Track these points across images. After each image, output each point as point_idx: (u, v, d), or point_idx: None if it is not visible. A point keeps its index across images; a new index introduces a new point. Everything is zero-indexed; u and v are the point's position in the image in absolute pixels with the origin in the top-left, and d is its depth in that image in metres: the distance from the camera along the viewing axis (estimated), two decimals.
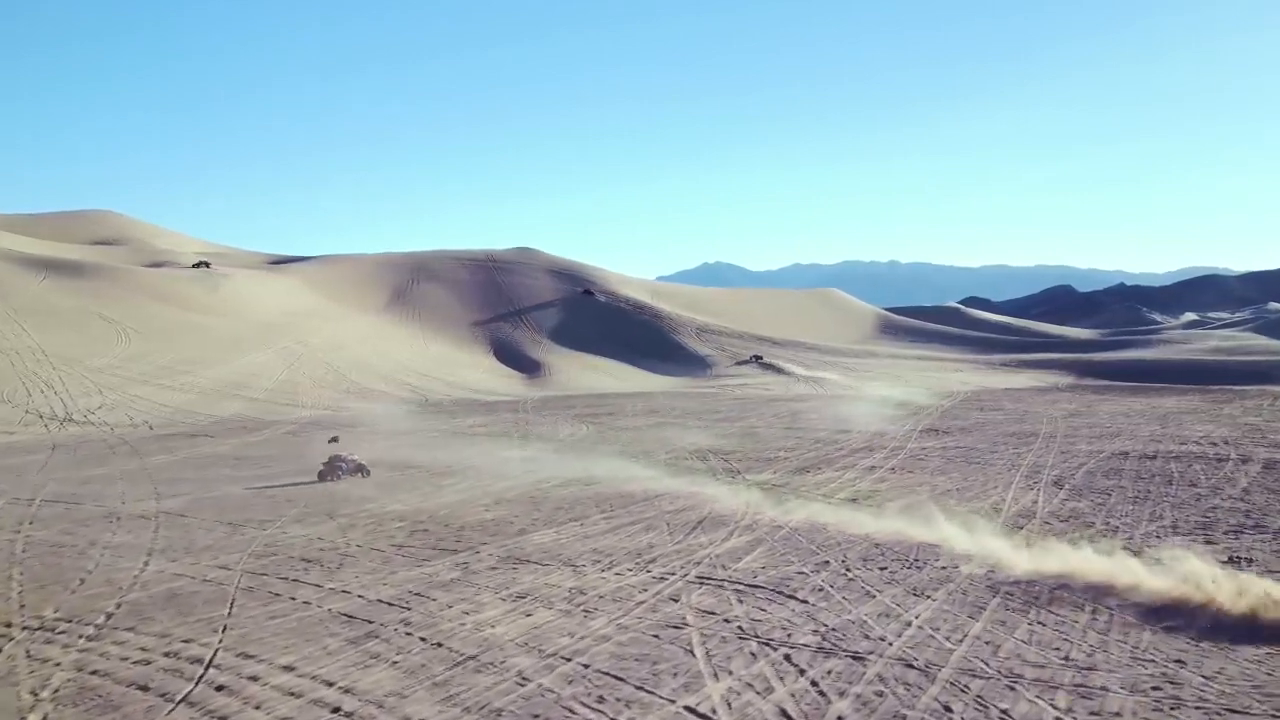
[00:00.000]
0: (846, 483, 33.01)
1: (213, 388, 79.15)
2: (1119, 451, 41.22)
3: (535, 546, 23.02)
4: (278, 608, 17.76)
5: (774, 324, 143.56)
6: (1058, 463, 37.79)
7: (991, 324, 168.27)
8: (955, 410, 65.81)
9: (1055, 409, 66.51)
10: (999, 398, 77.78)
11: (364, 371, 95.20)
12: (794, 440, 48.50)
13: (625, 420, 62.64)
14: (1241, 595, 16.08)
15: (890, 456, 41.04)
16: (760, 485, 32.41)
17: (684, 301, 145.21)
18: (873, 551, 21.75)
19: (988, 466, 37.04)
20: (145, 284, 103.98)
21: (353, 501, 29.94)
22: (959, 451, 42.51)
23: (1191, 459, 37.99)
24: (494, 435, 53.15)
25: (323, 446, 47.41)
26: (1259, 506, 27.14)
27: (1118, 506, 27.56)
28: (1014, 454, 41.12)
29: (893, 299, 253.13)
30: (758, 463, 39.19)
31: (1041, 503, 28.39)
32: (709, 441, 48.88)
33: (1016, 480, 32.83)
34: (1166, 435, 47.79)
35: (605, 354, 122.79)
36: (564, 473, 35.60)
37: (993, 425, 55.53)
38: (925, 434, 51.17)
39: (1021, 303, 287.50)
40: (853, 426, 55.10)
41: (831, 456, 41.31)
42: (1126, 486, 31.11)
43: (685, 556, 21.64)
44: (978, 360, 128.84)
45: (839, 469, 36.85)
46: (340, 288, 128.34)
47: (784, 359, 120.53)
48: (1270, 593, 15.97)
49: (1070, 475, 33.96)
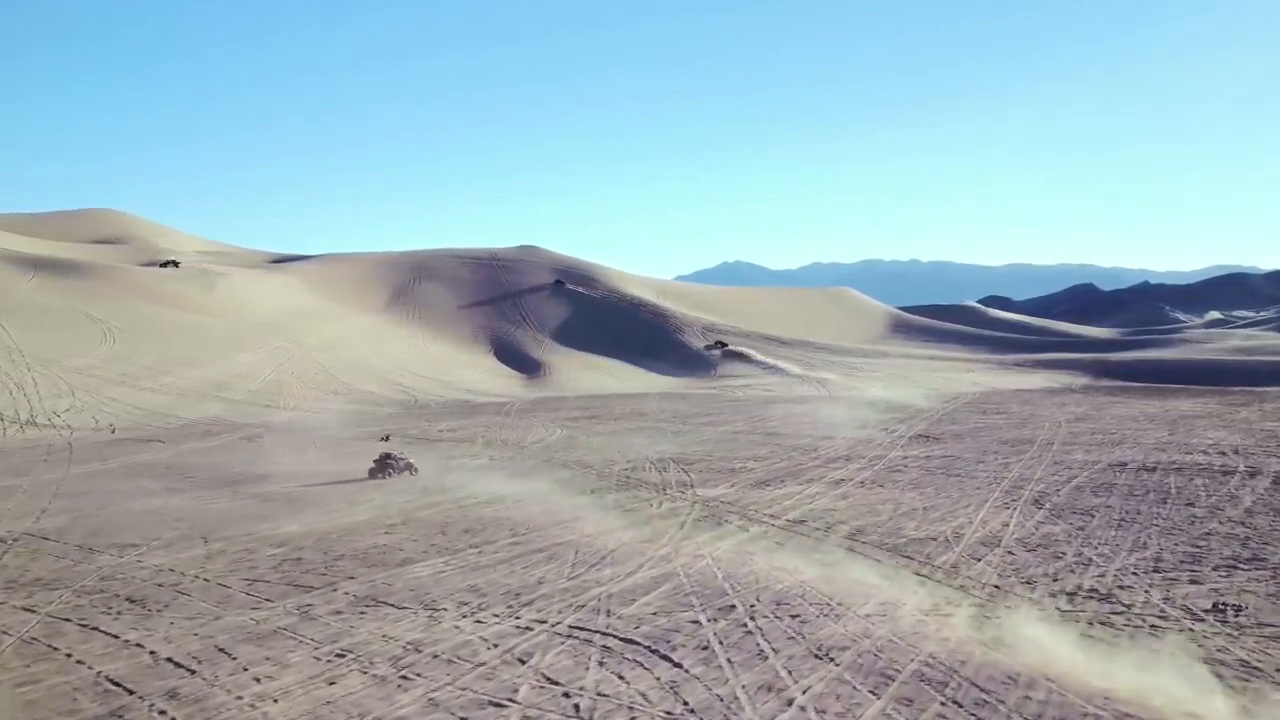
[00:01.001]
0: (804, 500, 29.49)
1: (194, 389, 76.50)
2: (1117, 462, 37.44)
3: (407, 581, 19.72)
4: (39, 669, 14.56)
5: (783, 323, 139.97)
6: (1046, 475, 34.10)
7: (1007, 323, 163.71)
8: (955, 414, 61.97)
9: (1062, 412, 62.55)
10: (1006, 400, 73.81)
11: (357, 372, 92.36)
12: (770, 448, 44.95)
13: (605, 424, 59.28)
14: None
15: (866, 467, 37.47)
16: (705, 503, 28.98)
17: (691, 300, 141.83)
18: (790, 594, 18.30)
19: (968, 480, 33.40)
20: (138, 283, 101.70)
21: (245, 521, 26.78)
22: (942, 462, 38.84)
23: (1195, 471, 34.19)
24: (458, 441, 49.95)
25: (275, 452, 44.62)
26: (1261, 532, 23.44)
27: (1098, 532, 23.93)
28: (1001, 464, 37.43)
29: (913, 298, 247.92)
30: (719, 474, 35.75)
31: (1012, 527, 24.80)
32: (680, 448, 45.48)
33: (994, 497, 29.21)
34: (1173, 443, 43.90)
35: (608, 354, 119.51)
36: (495, 488, 32.32)
37: (989, 431, 51.75)
38: (914, 441, 47.49)
39: (1042, 301, 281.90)
40: (840, 432, 51.50)
41: (803, 467, 37.78)
42: (1115, 506, 27.42)
43: (571, 597, 18.28)
44: (991, 360, 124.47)
45: (804, 482, 33.34)
46: (340, 287, 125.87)
47: (791, 358, 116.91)
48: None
49: (1055, 491, 30.29)
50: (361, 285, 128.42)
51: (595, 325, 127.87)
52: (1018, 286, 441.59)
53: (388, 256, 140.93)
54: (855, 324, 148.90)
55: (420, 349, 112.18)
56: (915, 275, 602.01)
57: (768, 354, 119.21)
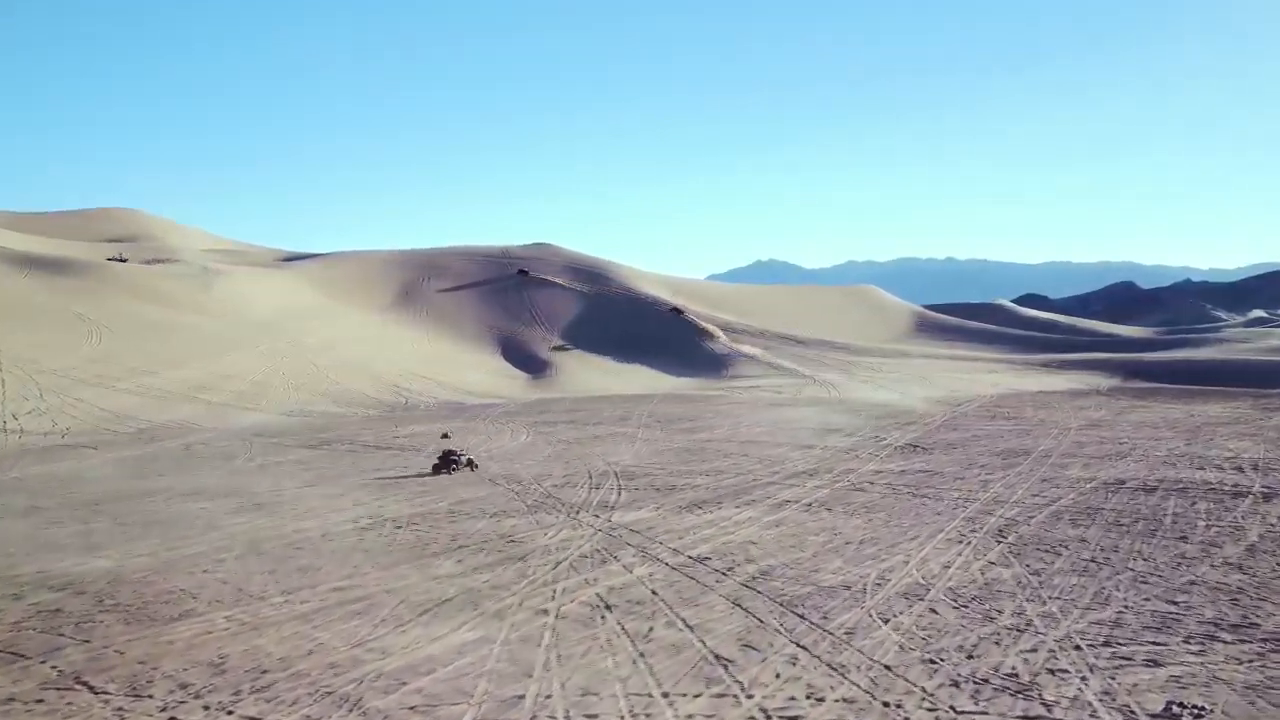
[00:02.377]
0: (728, 528, 25.07)
1: (174, 390, 73.37)
2: (1114, 480, 32.52)
3: (137, 655, 15.62)
4: None
5: (803, 322, 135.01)
6: (1026, 497, 29.34)
7: (1038, 322, 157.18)
8: (958, 420, 56.97)
9: (1077, 417, 57.34)
10: (1022, 403, 68.55)
11: (352, 372, 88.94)
12: (735, 460, 40.42)
13: (580, 429, 55.00)
14: None
15: (826, 485, 32.89)
16: (611, 531, 24.66)
17: (707, 299, 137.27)
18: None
19: (934, 502, 28.75)
20: (134, 282, 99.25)
21: (42, 554, 22.85)
22: (916, 478, 34.13)
23: (1200, 493, 29.25)
24: (404, 449, 46.00)
25: (196, 463, 41.22)
26: (1259, 581, 18.65)
27: (1056, 579, 19.28)
28: (980, 482, 32.67)
29: (948, 297, 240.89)
30: (655, 493, 31.39)
31: (954, 570, 20.22)
32: (636, 460, 41.14)
33: (952, 526, 24.59)
34: (1187, 455, 38.78)
35: (619, 354, 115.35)
36: (396, 509, 28.25)
37: (987, 440, 46.80)
38: (899, 452, 42.71)
39: (1079, 299, 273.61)
40: (825, 441, 46.83)
41: (755, 484, 33.28)
42: (1090, 540, 22.71)
43: (320, 680, 14.10)
44: (1017, 360, 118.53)
45: (744, 504, 28.87)
46: (346, 285, 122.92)
47: (807, 359, 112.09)
48: None
49: (1028, 518, 25.58)
50: (368, 284, 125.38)
51: (607, 325, 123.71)
52: (1056, 285, 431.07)
53: (398, 254, 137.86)
54: (878, 323, 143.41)
55: (424, 349, 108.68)
56: (951, 274, 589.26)
57: (782, 354, 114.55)
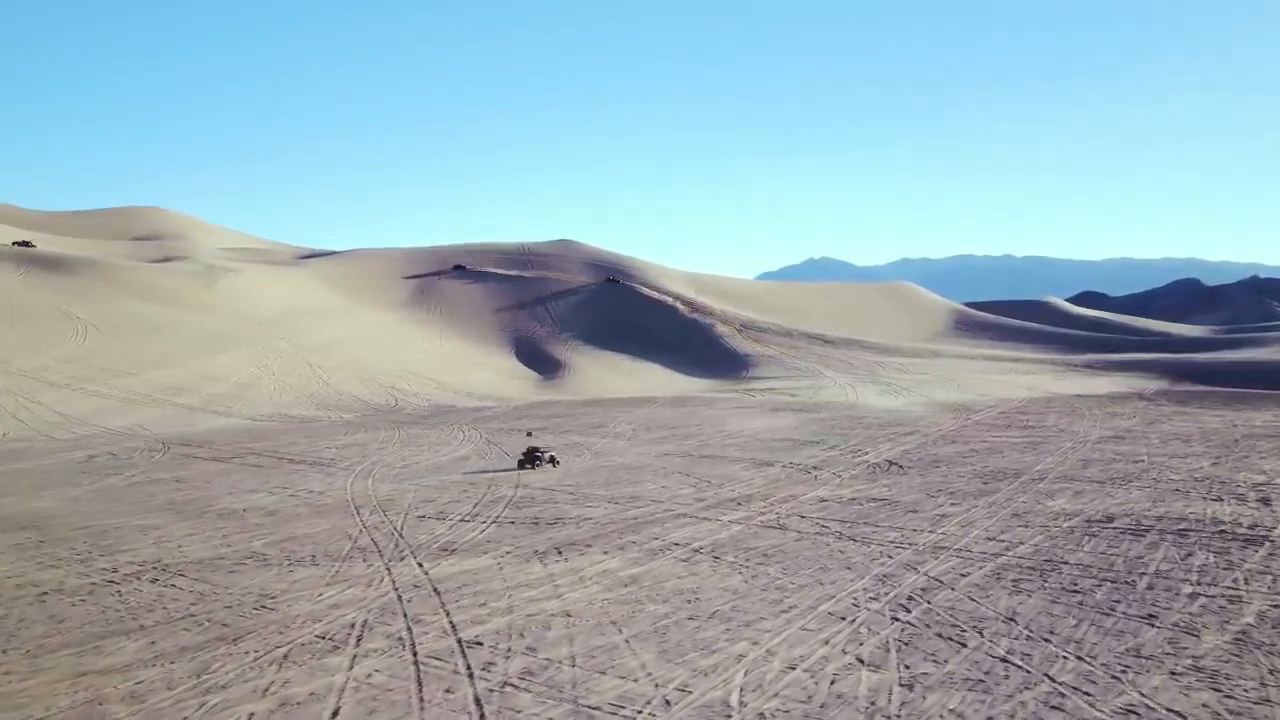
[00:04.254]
0: (568, 584, 19.39)
1: (146, 392, 69.63)
2: (1102, 516, 26.14)
3: None
4: None
5: (833, 320, 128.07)
6: (978, 541, 23.20)
7: (1086, 320, 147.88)
8: (963, 430, 50.38)
9: (1102, 427, 50.41)
10: (1048, 410, 61.55)
11: (348, 373, 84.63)
12: (666, 483, 34.52)
13: (541, 439, 49.62)
14: None
15: (743, 520, 26.96)
16: (412, 590, 19.16)
17: (733, 296, 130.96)
18: None
19: (857, 548, 22.77)
20: (134, 280, 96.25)
21: None
22: (860, 511, 28.03)
23: (1203, 538, 22.85)
24: (320, 464, 41.02)
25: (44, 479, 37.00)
26: (1236, 707, 12.50)
27: (930, 696, 13.29)
28: (934, 518, 26.52)
29: (1002, 295, 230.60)
30: (531, 528, 25.86)
31: (801, 671, 14.32)
32: (561, 478, 35.62)
33: (853, 588, 18.66)
34: (1207, 480, 32.04)
35: (637, 353, 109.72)
36: (180, 552, 23.11)
37: (980, 456, 40.29)
38: (867, 472, 36.48)
39: (1141, 297, 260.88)
40: (792, 457, 40.83)
41: (660, 516, 27.53)
42: (1021, 618, 16.60)
43: None
44: (1059, 361, 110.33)
45: (619, 547, 23.18)
46: (359, 283, 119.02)
47: (833, 359, 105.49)
48: None
49: (958, 578, 19.50)
50: (383, 281, 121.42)
51: (626, 323, 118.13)
52: (1117, 282, 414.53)
53: (416, 251, 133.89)
54: (913, 322, 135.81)
55: (434, 348, 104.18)
56: (1008, 271, 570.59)
57: (806, 355, 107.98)
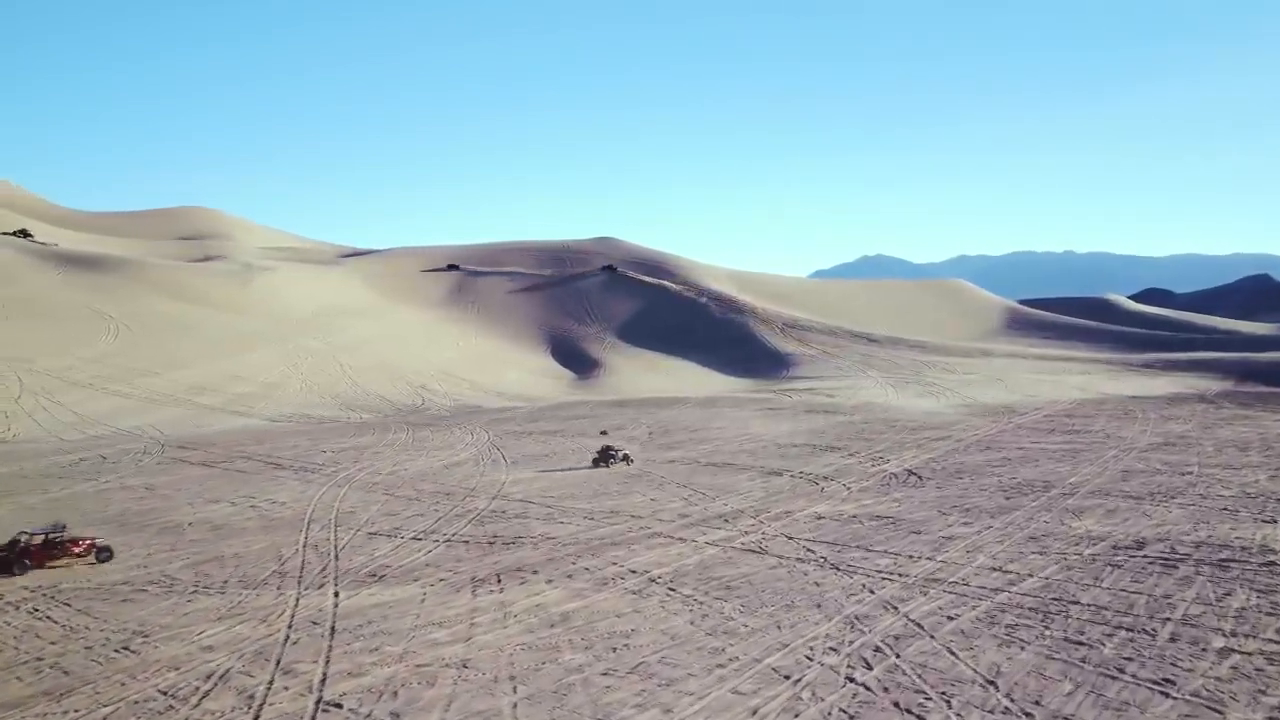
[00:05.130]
0: (488, 623, 16.80)
1: (167, 392, 68.58)
2: (1132, 542, 22.80)
3: None
4: None
5: (880, 318, 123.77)
6: (980, 571, 20.09)
7: (1147, 318, 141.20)
8: (999, 435, 46.79)
9: (1153, 432, 46.55)
10: (1099, 412, 57.59)
11: (377, 373, 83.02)
12: (657, 494, 31.78)
13: (549, 441, 47.14)
14: None
15: (722, 542, 24.15)
16: (290, 632, 16.70)
17: (775, 294, 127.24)
18: None
19: (839, 578, 19.82)
20: (167, 280, 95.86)
21: None
22: (857, 531, 24.99)
23: (1247, 574, 19.53)
24: (304, 470, 38.99)
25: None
26: None
27: None
28: (937, 541, 23.39)
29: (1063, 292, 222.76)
30: (486, 548, 23.40)
31: None
32: (544, 487, 33.09)
33: (815, 634, 15.77)
34: (1261, 497, 28.40)
35: (675, 352, 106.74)
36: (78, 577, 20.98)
37: (1011, 466, 36.80)
38: (880, 484, 33.31)
39: (1208, 294, 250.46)
40: (805, 466, 37.85)
41: (634, 535, 24.89)
42: (1003, 683, 13.56)
43: None
44: (1116, 360, 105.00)
45: (571, 573, 20.55)
46: (396, 282, 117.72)
47: (878, 359, 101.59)
48: None
49: (944, 621, 16.46)
50: (421, 280, 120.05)
51: (666, 322, 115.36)
52: (1184, 278, 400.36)
53: (455, 250, 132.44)
54: (963, 319, 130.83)
55: (469, 347, 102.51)
56: (1069, 268, 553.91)
57: (850, 354, 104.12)
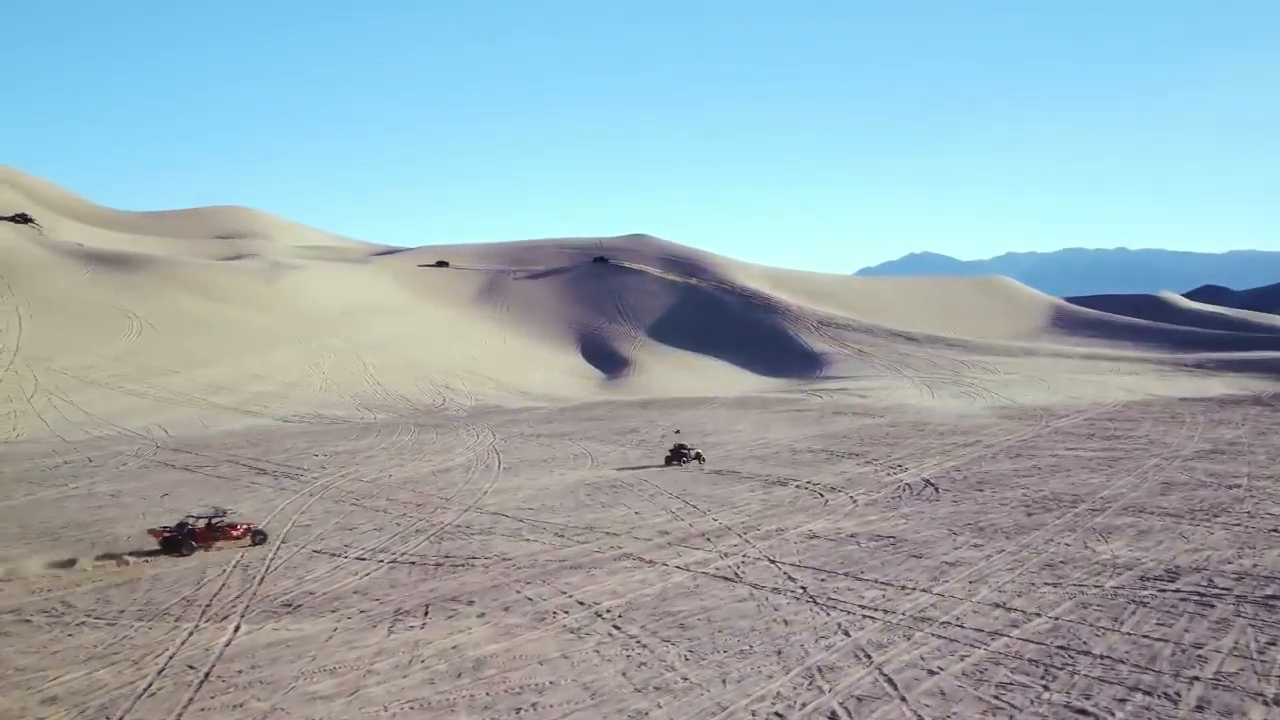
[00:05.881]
0: (381, 674, 14.55)
1: (186, 391, 67.44)
2: (1163, 572, 19.93)
3: None
4: None
5: (920, 316, 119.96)
6: (980, 607, 17.43)
7: (1201, 315, 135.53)
8: (1033, 441, 43.70)
9: (1201, 438, 43.20)
10: (1144, 415, 54.08)
11: (400, 372, 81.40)
12: (645, 507, 29.36)
13: (553, 446, 45.02)
14: None
15: (694, 566, 21.73)
16: (194, 664, 14.57)
17: (812, 292, 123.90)
18: None
19: (813, 616, 17.30)
20: (194, 278, 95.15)
21: None
22: (852, 553, 22.39)
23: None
24: (281, 475, 37.16)
25: None
26: None
27: None
28: (938, 568, 20.72)
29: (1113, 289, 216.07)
30: (432, 571, 21.18)
31: None
32: (531, 497, 30.91)
33: (742, 706, 13.29)
34: None
35: (708, 350, 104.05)
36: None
37: (1041, 476, 33.83)
38: (892, 497, 30.56)
39: (1267, 291, 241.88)
40: (810, 475, 35.20)
41: (602, 557, 22.55)
42: None
43: None
44: (1167, 360, 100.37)
45: (509, 606, 18.26)
46: (426, 280, 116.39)
47: (916, 358, 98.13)
48: None
49: (919, 677, 13.86)
50: (451, 278, 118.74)
51: (698, 320, 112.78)
52: (1242, 275, 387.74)
53: (486, 247, 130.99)
54: (1006, 317, 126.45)
55: (497, 346, 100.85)
56: (1121, 264, 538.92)
57: (887, 353, 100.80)
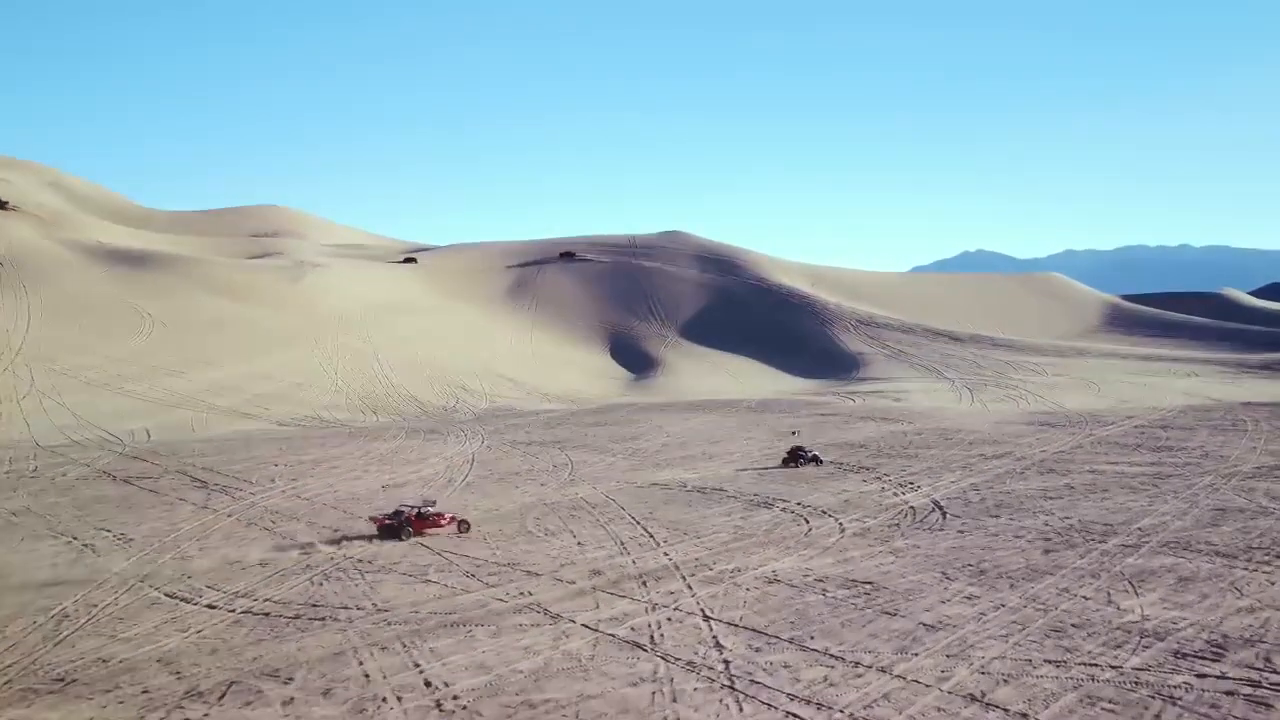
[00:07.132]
0: None
1: (186, 392, 64.86)
2: (1204, 644, 15.43)
3: None
4: None
5: (964, 315, 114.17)
6: (946, 702, 13.12)
7: (1267, 313, 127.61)
8: (1071, 453, 38.85)
9: (1260, 451, 38.31)
10: (1200, 423, 48.74)
11: (415, 372, 78.20)
12: (619, 531, 25.29)
13: (543, 454, 41.22)
14: None
15: (638, 610, 17.68)
16: None
17: (853, 290, 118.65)
18: None
19: (722, 705, 13.14)
20: (214, 276, 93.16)
21: None
22: (809, 609, 18.16)
23: None
24: (224, 490, 33.75)
25: None
26: None
27: None
28: (917, 627, 16.42)
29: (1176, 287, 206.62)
30: (309, 627, 17.28)
31: None
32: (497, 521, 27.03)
33: None
34: None
35: (742, 350, 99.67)
36: None
37: (1065, 499, 29.13)
38: (894, 521, 26.15)
39: None
40: (807, 495, 30.85)
41: (526, 602, 18.58)
42: None
43: None
44: (1230, 361, 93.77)
45: (349, 677, 14.34)
46: (455, 278, 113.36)
47: (959, 358, 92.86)
48: None
49: None
50: (481, 275, 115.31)
51: (732, 319, 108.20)
52: None
53: (519, 245, 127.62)
54: (1058, 316, 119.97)
55: (522, 346, 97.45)
56: (1183, 262, 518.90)
57: (929, 353, 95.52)
